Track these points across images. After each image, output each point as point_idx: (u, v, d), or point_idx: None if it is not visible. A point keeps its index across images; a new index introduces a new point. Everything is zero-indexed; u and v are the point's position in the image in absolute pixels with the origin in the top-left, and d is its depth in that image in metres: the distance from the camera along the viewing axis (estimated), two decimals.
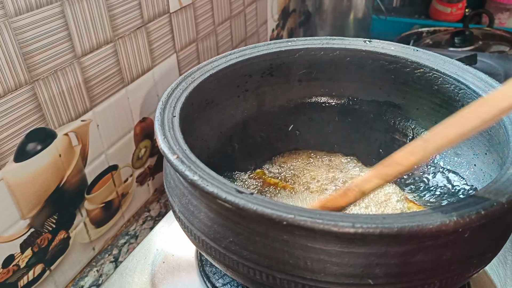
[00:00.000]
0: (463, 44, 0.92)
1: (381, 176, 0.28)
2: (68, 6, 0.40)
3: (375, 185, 0.29)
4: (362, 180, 0.29)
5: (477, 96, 0.38)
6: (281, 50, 0.45)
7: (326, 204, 0.32)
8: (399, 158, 0.28)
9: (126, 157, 0.53)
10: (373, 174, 0.29)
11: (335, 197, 0.31)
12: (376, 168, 0.29)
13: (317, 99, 0.50)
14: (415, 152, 0.27)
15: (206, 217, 0.30)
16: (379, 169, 0.29)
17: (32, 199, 0.40)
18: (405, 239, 0.26)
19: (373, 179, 0.29)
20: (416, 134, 0.46)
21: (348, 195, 0.30)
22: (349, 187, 0.30)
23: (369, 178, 0.29)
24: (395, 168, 0.28)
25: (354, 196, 0.30)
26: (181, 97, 0.37)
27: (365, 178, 0.29)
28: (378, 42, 0.46)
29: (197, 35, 0.62)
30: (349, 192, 0.30)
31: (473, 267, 0.29)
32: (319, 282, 0.27)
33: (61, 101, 0.42)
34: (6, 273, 0.39)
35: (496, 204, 0.25)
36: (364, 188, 0.29)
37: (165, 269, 0.43)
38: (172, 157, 0.29)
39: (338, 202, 0.31)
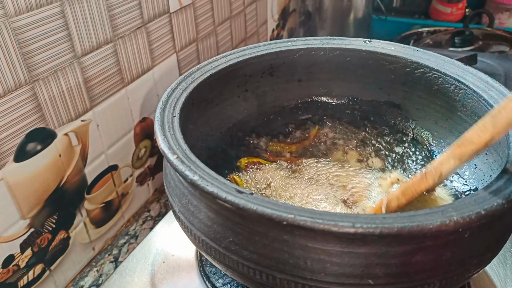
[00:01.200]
0: (463, 44, 0.92)
1: (456, 156, 0.29)
2: (68, 6, 0.40)
3: (452, 166, 0.29)
4: (439, 162, 0.30)
5: (477, 96, 0.38)
6: (281, 50, 0.45)
7: (406, 190, 0.32)
8: (470, 136, 0.28)
9: (126, 157, 0.53)
10: (448, 155, 0.29)
11: (415, 182, 0.31)
12: (450, 149, 0.29)
13: (317, 99, 0.50)
14: (486, 128, 0.27)
15: (206, 217, 0.30)
16: (454, 150, 0.29)
17: (32, 199, 0.40)
18: (405, 239, 0.26)
19: (449, 160, 0.29)
20: (416, 134, 0.46)
21: (427, 179, 0.30)
22: (427, 171, 0.30)
23: (445, 160, 0.29)
24: (469, 147, 0.28)
25: (433, 179, 0.30)
26: (181, 97, 0.37)
27: (441, 160, 0.29)
28: (378, 42, 0.46)
29: (197, 35, 0.62)
30: (428, 175, 0.30)
31: (473, 267, 0.29)
32: (319, 282, 0.27)
33: (61, 101, 0.42)
34: (6, 273, 0.39)
35: (496, 204, 0.25)
36: (442, 170, 0.29)
37: (165, 269, 0.43)
38: (172, 157, 0.29)
39: (419, 187, 0.31)
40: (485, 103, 0.37)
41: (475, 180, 0.39)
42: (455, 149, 0.29)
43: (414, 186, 0.31)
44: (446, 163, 0.29)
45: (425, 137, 0.46)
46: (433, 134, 0.45)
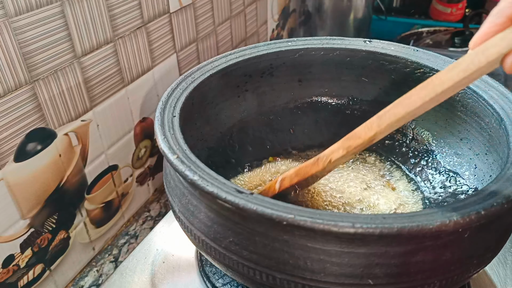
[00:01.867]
0: (463, 44, 0.92)
1: (344, 147, 0.32)
2: (68, 6, 0.40)
3: (340, 155, 0.32)
4: (330, 150, 0.33)
5: (477, 96, 0.38)
6: (281, 50, 0.45)
7: (299, 171, 0.35)
8: (358, 132, 0.31)
9: (126, 157, 0.53)
10: (338, 146, 0.32)
11: (308, 165, 0.35)
12: (341, 140, 0.32)
13: (317, 99, 0.50)
14: (371, 127, 0.30)
15: (206, 217, 0.30)
16: (343, 141, 0.32)
17: (32, 199, 0.40)
18: (405, 239, 0.26)
19: (338, 150, 0.32)
20: (416, 134, 0.46)
21: (318, 164, 0.34)
22: (319, 156, 0.34)
23: (335, 149, 0.32)
24: (356, 140, 0.31)
25: (323, 164, 0.33)
26: (181, 97, 0.37)
27: (332, 149, 0.33)
28: (378, 42, 0.46)
29: (197, 35, 0.62)
30: (320, 161, 0.34)
31: (473, 267, 0.29)
32: (319, 282, 0.27)
33: (61, 101, 0.42)
34: (6, 273, 0.39)
35: (496, 204, 0.25)
36: (332, 157, 0.33)
37: (165, 269, 0.43)
38: (172, 157, 0.29)
39: (311, 170, 0.34)
40: (485, 103, 0.37)
41: (475, 180, 0.39)
42: (344, 141, 0.32)
43: (306, 168, 0.35)
44: (336, 152, 0.32)
45: (425, 137, 0.46)
46: (433, 134, 0.45)
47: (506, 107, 0.35)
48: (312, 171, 0.34)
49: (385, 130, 0.29)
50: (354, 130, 0.31)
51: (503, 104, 0.36)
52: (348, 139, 0.32)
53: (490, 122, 0.37)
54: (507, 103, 0.36)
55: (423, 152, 0.45)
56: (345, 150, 0.32)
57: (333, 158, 0.32)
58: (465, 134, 0.41)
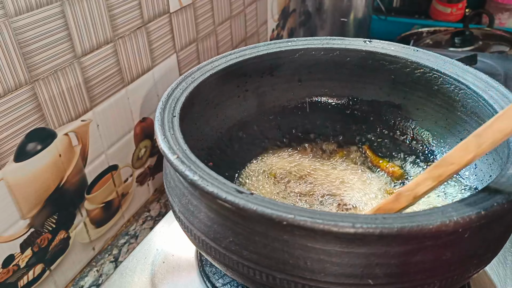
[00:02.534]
0: (463, 44, 0.92)
1: (434, 177, 0.28)
2: (68, 6, 0.40)
3: (429, 187, 0.28)
4: (415, 183, 0.29)
5: (477, 96, 0.38)
6: (281, 50, 0.45)
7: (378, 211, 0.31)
8: (452, 157, 0.27)
9: (126, 157, 0.53)
10: (425, 177, 0.28)
11: (387, 203, 0.30)
12: (428, 170, 0.28)
13: (317, 99, 0.50)
14: (469, 149, 0.26)
15: (206, 217, 0.30)
16: (432, 170, 0.28)
17: (32, 199, 0.40)
18: (405, 239, 0.26)
19: (426, 182, 0.28)
20: (416, 134, 0.46)
21: (400, 201, 0.29)
22: (401, 191, 0.29)
23: (422, 181, 0.28)
24: (449, 167, 0.27)
25: (407, 201, 0.29)
26: (181, 97, 0.37)
27: (417, 181, 0.28)
28: (378, 42, 0.46)
29: (197, 35, 0.62)
30: (401, 197, 0.29)
31: (473, 267, 0.29)
32: (319, 282, 0.27)
33: (61, 101, 0.42)
34: (6, 273, 0.39)
35: (496, 204, 0.25)
36: (417, 191, 0.29)
37: (165, 269, 0.43)
38: (172, 157, 0.29)
39: (392, 209, 0.30)
40: (485, 103, 0.37)
41: (475, 180, 0.39)
42: (433, 170, 0.28)
43: (387, 207, 0.31)
44: (423, 184, 0.28)
45: (425, 137, 0.46)
46: (433, 134, 0.45)
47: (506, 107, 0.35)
48: (394, 209, 0.30)
49: (486, 150, 0.25)
50: (444, 156, 0.27)
51: (503, 105, 0.36)
52: (437, 167, 0.27)
53: None
54: (507, 104, 0.36)
55: (423, 152, 0.45)
56: (435, 181, 0.28)
57: (419, 192, 0.28)
58: (465, 134, 0.41)
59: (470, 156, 0.26)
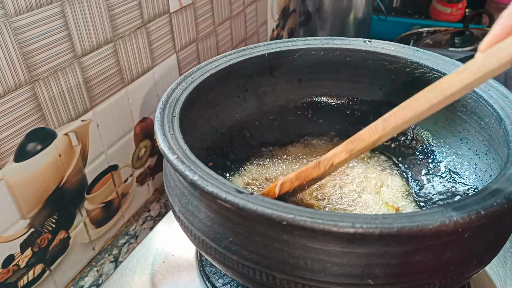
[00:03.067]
0: (463, 44, 0.92)
1: (347, 150, 0.31)
2: (68, 6, 0.40)
3: (343, 159, 0.32)
4: (332, 154, 0.32)
5: (477, 96, 0.38)
6: (281, 50, 0.45)
7: (300, 174, 0.35)
8: (362, 135, 0.30)
9: (126, 157, 0.53)
10: (341, 149, 0.32)
11: (308, 169, 0.34)
12: (344, 143, 0.32)
13: (317, 99, 0.50)
14: (376, 130, 0.29)
15: (206, 217, 0.30)
16: (346, 144, 0.31)
17: (32, 199, 0.40)
18: (405, 239, 0.26)
19: (341, 153, 0.32)
20: (416, 134, 0.46)
21: (320, 167, 0.33)
22: (321, 159, 0.33)
23: (338, 152, 0.32)
24: (359, 144, 0.30)
25: (325, 168, 0.33)
26: (181, 97, 0.37)
27: (334, 152, 0.32)
28: (378, 42, 0.46)
29: (197, 35, 0.62)
30: (321, 164, 0.33)
31: (473, 267, 0.29)
32: (319, 282, 0.27)
33: (61, 101, 0.42)
34: (6, 273, 0.39)
35: (496, 204, 0.25)
36: (334, 161, 0.32)
37: (165, 269, 0.43)
38: (172, 157, 0.29)
39: (312, 173, 0.34)
40: (485, 103, 0.37)
41: (475, 180, 0.39)
42: (347, 144, 0.31)
43: (307, 172, 0.34)
44: (338, 155, 0.32)
45: (425, 137, 0.46)
46: (433, 134, 0.45)
47: (506, 107, 0.35)
48: (313, 174, 0.34)
49: (390, 133, 0.29)
50: (357, 133, 0.31)
51: (503, 104, 0.36)
52: (351, 142, 0.31)
53: (490, 122, 0.37)
54: (507, 103, 0.36)
55: (423, 152, 0.45)
56: (347, 153, 0.31)
57: (335, 162, 0.32)
58: (465, 134, 0.41)
59: (377, 136, 0.29)
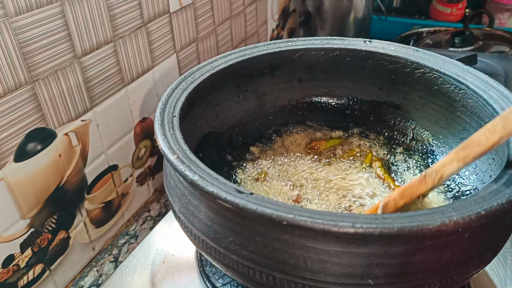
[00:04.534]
0: (463, 44, 0.92)
1: (460, 158, 0.28)
2: (68, 6, 0.40)
3: (455, 168, 0.28)
4: (441, 164, 0.29)
5: (477, 96, 0.38)
6: (281, 50, 0.45)
7: (404, 192, 0.31)
8: (478, 138, 0.27)
9: (126, 157, 0.53)
10: (452, 158, 0.29)
11: (413, 185, 0.31)
12: (454, 151, 0.28)
13: (317, 99, 0.50)
14: (496, 130, 0.26)
15: (206, 217, 0.30)
16: (457, 152, 0.28)
17: (32, 199, 0.40)
18: (405, 239, 0.26)
19: (452, 163, 0.28)
20: (416, 134, 0.46)
21: (427, 181, 0.30)
22: (427, 172, 0.30)
23: (448, 162, 0.29)
24: (475, 149, 0.27)
25: (433, 182, 0.30)
26: (181, 97, 0.37)
27: (444, 162, 0.29)
28: (378, 42, 0.46)
29: (197, 35, 0.62)
30: (428, 178, 0.30)
31: (473, 267, 0.29)
32: (319, 282, 0.27)
33: (61, 101, 0.42)
34: (6, 273, 0.39)
35: (496, 205, 0.25)
36: (443, 172, 0.29)
37: (165, 269, 0.43)
38: (172, 157, 0.29)
39: (418, 190, 0.31)
40: (485, 103, 0.37)
41: (475, 180, 0.39)
42: (459, 151, 0.28)
43: (412, 189, 0.31)
44: (449, 166, 0.29)
45: (425, 137, 0.46)
46: (433, 134, 0.45)
47: (506, 108, 0.35)
48: (420, 190, 0.31)
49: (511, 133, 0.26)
50: (470, 137, 0.28)
51: (503, 105, 0.36)
52: (463, 149, 0.28)
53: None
54: (507, 104, 0.36)
55: (423, 152, 0.45)
56: (461, 162, 0.28)
57: (445, 173, 0.29)
58: (465, 134, 0.41)
59: (496, 138, 0.26)
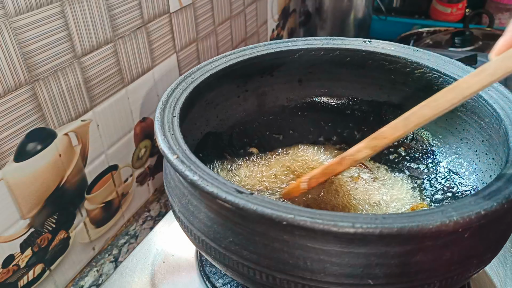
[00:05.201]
0: (463, 44, 0.92)
1: (370, 146, 0.34)
2: (68, 6, 0.40)
3: (366, 155, 0.34)
4: (355, 150, 0.35)
5: (477, 96, 0.38)
6: (281, 50, 0.45)
7: (325, 171, 0.37)
8: (384, 132, 0.33)
9: (126, 157, 0.53)
10: (363, 145, 0.34)
11: (332, 164, 0.37)
12: (366, 140, 0.34)
13: (317, 99, 0.50)
14: (398, 128, 0.32)
15: (206, 217, 0.30)
16: (369, 141, 0.34)
17: (32, 199, 0.40)
18: (405, 239, 0.26)
19: (364, 150, 0.34)
20: (416, 134, 0.46)
21: (343, 163, 0.36)
22: (344, 156, 0.35)
23: (361, 149, 0.34)
24: (382, 141, 0.33)
25: (348, 164, 0.35)
26: (181, 97, 0.37)
27: (357, 148, 0.35)
28: (378, 42, 0.46)
29: (197, 35, 0.62)
30: (344, 160, 0.36)
31: (473, 267, 0.29)
32: (319, 282, 0.27)
33: (61, 101, 0.42)
34: (6, 273, 0.39)
35: (496, 204, 0.25)
36: (357, 157, 0.35)
37: (165, 269, 0.43)
38: (172, 157, 0.29)
39: (336, 169, 0.36)
40: (484, 103, 0.37)
41: (475, 180, 0.39)
42: (370, 141, 0.34)
43: (332, 167, 0.37)
44: (361, 152, 0.34)
45: (425, 137, 0.46)
46: (433, 134, 0.45)
47: (506, 107, 0.35)
48: (337, 170, 0.36)
49: (410, 130, 0.32)
50: (379, 130, 0.33)
51: (503, 104, 0.36)
52: (374, 139, 0.33)
53: (490, 122, 0.37)
54: (507, 103, 0.36)
55: (423, 152, 0.45)
56: (371, 150, 0.34)
57: (359, 157, 0.34)
58: (465, 134, 0.41)
59: (398, 134, 0.32)
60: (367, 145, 0.34)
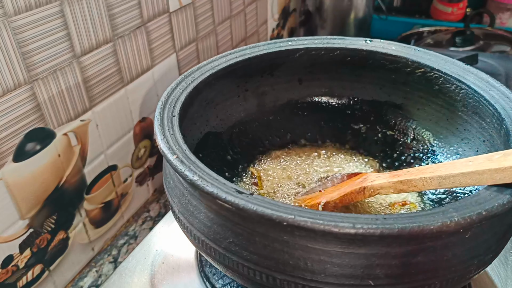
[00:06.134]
0: (464, 44, 0.92)
1: (397, 189, 0.33)
2: (68, 5, 0.40)
3: (388, 193, 0.34)
4: (380, 185, 0.34)
5: (478, 96, 0.38)
6: (281, 50, 0.45)
7: (344, 199, 0.36)
8: (415, 181, 0.31)
9: (125, 157, 0.53)
10: (390, 185, 0.33)
11: (353, 193, 0.36)
12: (394, 180, 0.33)
13: (317, 99, 0.50)
14: (431, 183, 0.30)
15: (206, 218, 0.30)
16: (396, 183, 0.32)
17: (31, 199, 0.40)
18: (406, 239, 0.25)
19: (388, 188, 0.33)
20: (417, 134, 0.46)
21: (365, 194, 0.35)
22: (366, 186, 0.35)
23: (386, 187, 0.33)
24: (410, 188, 0.32)
25: (368, 196, 0.35)
26: (180, 96, 0.37)
27: (382, 184, 0.33)
28: (378, 42, 0.45)
29: (197, 34, 0.62)
30: (366, 191, 0.35)
31: (474, 268, 0.29)
32: (320, 283, 0.27)
33: (60, 101, 0.42)
34: (5, 273, 0.39)
35: (497, 205, 0.25)
36: (379, 192, 0.34)
37: (164, 269, 0.43)
38: (171, 157, 0.29)
39: (355, 198, 0.36)
40: (486, 103, 0.37)
41: None
42: (398, 184, 0.32)
43: (351, 196, 0.36)
44: (386, 189, 0.33)
45: (426, 137, 0.45)
46: (434, 134, 0.45)
47: (507, 107, 0.35)
48: (357, 199, 0.36)
49: (441, 188, 0.31)
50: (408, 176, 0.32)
51: (504, 104, 0.35)
52: (401, 183, 0.32)
53: (491, 122, 0.37)
54: (508, 103, 0.35)
55: (424, 152, 0.45)
56: (395, 191, 0.33)
57: (381, 193, 0.34)
58: (466, 134, 0.41)
59: (429, 188, 0.31)
60: (393, 186, 0.33)
